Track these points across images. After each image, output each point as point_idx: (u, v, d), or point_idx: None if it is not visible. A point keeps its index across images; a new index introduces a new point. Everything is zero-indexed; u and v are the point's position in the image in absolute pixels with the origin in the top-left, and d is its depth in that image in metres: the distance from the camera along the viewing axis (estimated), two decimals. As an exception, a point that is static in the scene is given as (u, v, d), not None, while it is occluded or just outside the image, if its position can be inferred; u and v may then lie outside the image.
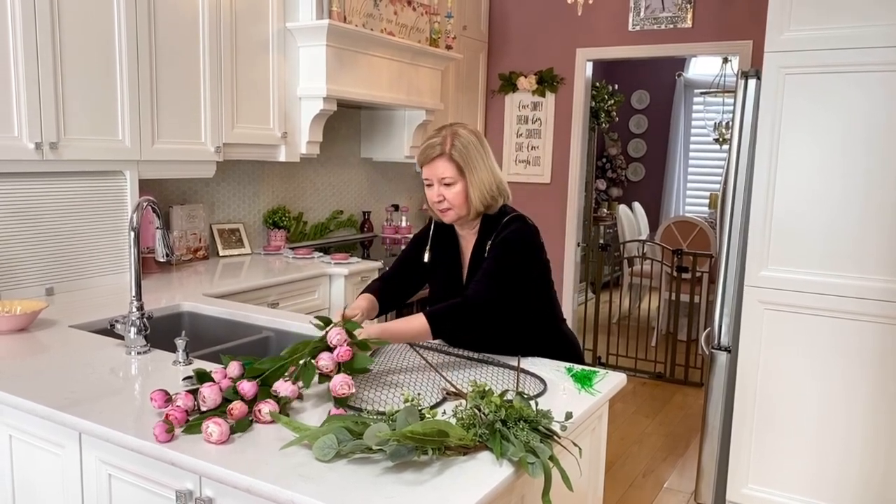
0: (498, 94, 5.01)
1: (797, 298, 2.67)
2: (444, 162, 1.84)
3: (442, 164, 1.85)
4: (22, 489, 1.65)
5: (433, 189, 1.88)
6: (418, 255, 2.05)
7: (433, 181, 1.87)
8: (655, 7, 4.38)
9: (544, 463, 1.22)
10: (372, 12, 3.63)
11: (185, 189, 3.40)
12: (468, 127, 1.92)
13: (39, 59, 2.36)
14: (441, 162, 1.85)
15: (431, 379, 1.69)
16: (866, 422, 2.61)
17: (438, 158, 1.85)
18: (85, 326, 2.15)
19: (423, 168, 1.89)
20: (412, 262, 2.07)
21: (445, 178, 1.85)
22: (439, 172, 1.85)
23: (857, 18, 2.47)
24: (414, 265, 2.06)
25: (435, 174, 1.86)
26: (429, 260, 2.02)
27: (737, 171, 2.79)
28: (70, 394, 1.54)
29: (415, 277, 2.07)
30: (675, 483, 3.31)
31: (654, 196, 8.21)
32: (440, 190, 1.86)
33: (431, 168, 1.86)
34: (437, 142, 1.85)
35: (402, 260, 2.10)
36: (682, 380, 4.75)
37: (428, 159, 1.86)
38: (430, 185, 1.89)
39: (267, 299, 2.95)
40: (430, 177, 1.87)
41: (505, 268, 1.84)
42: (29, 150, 2.36)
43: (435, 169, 1.86)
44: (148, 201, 1.94)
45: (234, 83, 3.13)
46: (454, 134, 1.86)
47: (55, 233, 2.57)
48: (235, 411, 1.36)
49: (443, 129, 1.89)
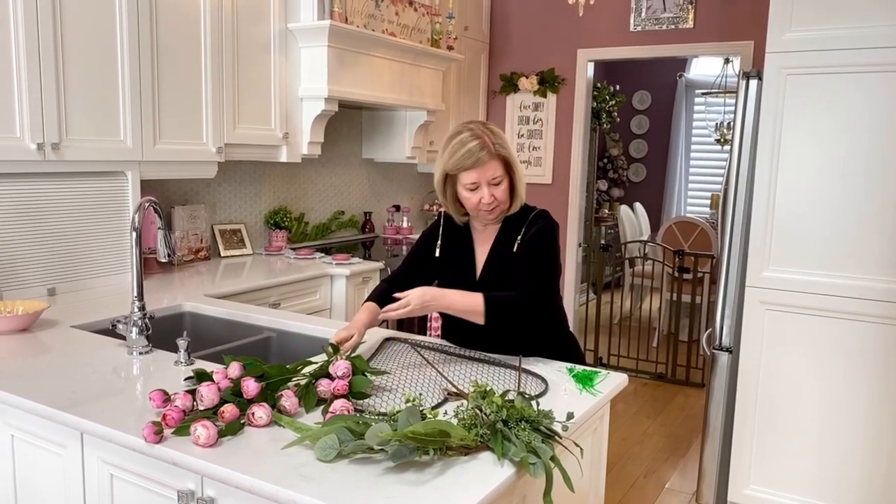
0: (499, 95, 5.01)
1: (798, 299, 2.67)
2: (494, 162, 1.81)
3: (493, 165, 1.81)
4: (24, 489, 1.65)
5: (480, 192, 1.82)
6: (427, 251, 2.04)
7: (480, 184, 1.82)
8: (657, 7, 4.38)
9: (546, 463, 1.22)
10: (373, 13, 3.63)
11: (187, 189, 3.40)
12: (487, 122, 1.90)
13: (41, 60, 2.37)
14: (492, 163, 1.81)
15: (433, 379, 1.70)
16: (868, 422, 2.61)
17: (489, 161, 1.80)
18: (87, 327, 2.15)
19: (467, 173, 1.81)
20: (420, 259, 2.05)
21: (496, 178, 1.82)
22: (489, 174, 1.81)
23: (858, 19, 2.47)
24: (423, 262, 2.05)
25: (485, 177, 1.81)
26: (440, 255, 2.01)
27: (738, 172, 2.79)
28: (72, 394, 1.55)
29: (423, 274, 2.04)
30: (676, 484, 3.31)
31: (656, 196, 8.21)
32: (489, 191, 1.82)
33: (481, 171, 1.81)
34: (480, 144, 1.79)
35: (410, 258, 2.09)
36: (683, 380, 4.75)
37: (478, 164, 1.80)
38: (474, 189, 1.83)
39: (268, 300, 2.95)
40: (479, 180, 1.81)
41: (549, 263, 1.86)
42: (31, 151, 2.37)
43: (485, 171, 1.81)
44: (150, 202, 1.94)
45: (236, 84, 3.13)
46: (490, 132, 1.83)
47: (57, 233, 2.57)
48: (227, 414, 1.35)
49: (472, 129, 1.83)
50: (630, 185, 8.38)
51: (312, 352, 2.06)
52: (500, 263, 1.90)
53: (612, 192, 8.18)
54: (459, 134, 1.83)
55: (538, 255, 1.85)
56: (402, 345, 2.00)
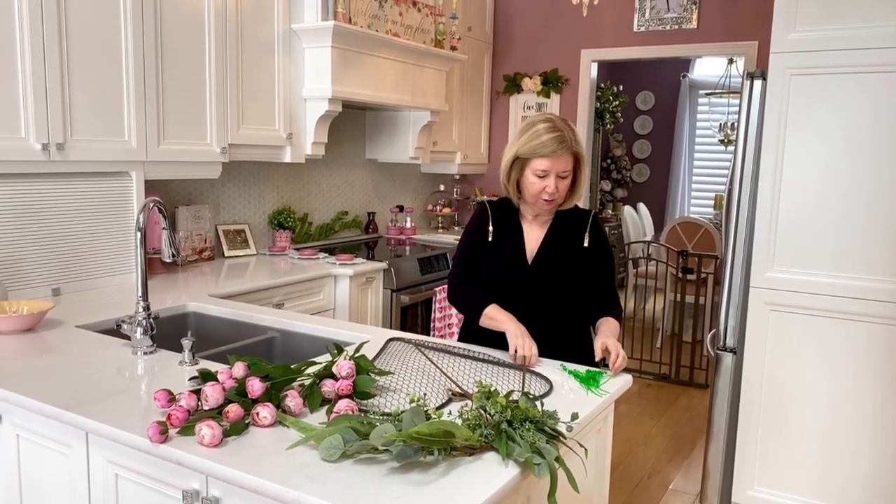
0: (503, 96, 5.01)
1: (803, 300, 2.66)
2: (568, 156, 1.90)
3: (566, 158, 1.90)
4: (29, 488, 1.65)
5: (546, 181, 1.90)
6: (481, 238, 2.07)
7: (550, 174, 1.89)
8: (660, 8, 4.37)
9: (550, 464, 1.22)
10: (377, 13, 3.63)
11: (191, 190, 3.41)
12: (567, 119, 1.98)
13: (46, 61, 2.37)
14: (566, 157, 1.89)
15: (437, 379, 1.70)
16: (874, 424, 2.60)
17: (563, 154, 1.88)
18: (91, 326, 2.15)
19: (541, 160, 1.89)
20: (478, 248, 2.07)
21: (565, 172, 1.90)
22: (562, 166, 1.89)
23: (863, 19, 2.46)
24: (481, 250, 2.07)
25: (556, 167, 1.89)
26: (492, 239, 2.06)
27: (742, 172, 2.78)
28: (76, 394, 1.55)
29: (484, 261, 2.09)
30: (680, 484, 3.30)
31: (659, 197, 8.20)
32: (555, 182, 1.90)
33: (554, 162, 1.88)
34: (560, 137, 1.87)
35: (468, 250, 2.10)
36: (687, 381, 4.74)
37: (553, 154, 1.87)
38: (542, 177, 1.90)
39: (272, 300, 2.95)
40: (550, 169, 1.89)
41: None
42: (36, 151, 2.37)
43: (558, 163, 1.89)
44: (154, 202, 1.95)
45: (240, 84, 3.14)
46: (570, 128, 1.91)
47: (62, 233, 2.58)
48: (231, 414, 1.35)
49: (553, 121, 1.91)
50: (633, 186, 8.37)
51: (316, 352, 2.06)
52: (555, 253, 2.02)
53: (616, 192, 8.18)
54: (542, 122, 1.91)
55: (612, 267, 2.04)
56: (406, 345, 2.00)
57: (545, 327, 1.98)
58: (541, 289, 2.01)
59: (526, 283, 2.01)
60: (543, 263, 2.01)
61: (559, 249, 2.02)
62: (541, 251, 2.02)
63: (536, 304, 2.01)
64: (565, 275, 2.01)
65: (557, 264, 2.01)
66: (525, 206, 2.05)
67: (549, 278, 2.01)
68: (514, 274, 2.00)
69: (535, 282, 2.01)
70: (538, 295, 2.01)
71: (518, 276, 2.01)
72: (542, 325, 1.98)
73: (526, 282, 2.01)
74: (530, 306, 1.99)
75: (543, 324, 1.99)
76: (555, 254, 2.01)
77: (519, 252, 2.03)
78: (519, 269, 2.01)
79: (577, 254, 2.02)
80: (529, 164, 1.92)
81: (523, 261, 2.02)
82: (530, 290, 2.01)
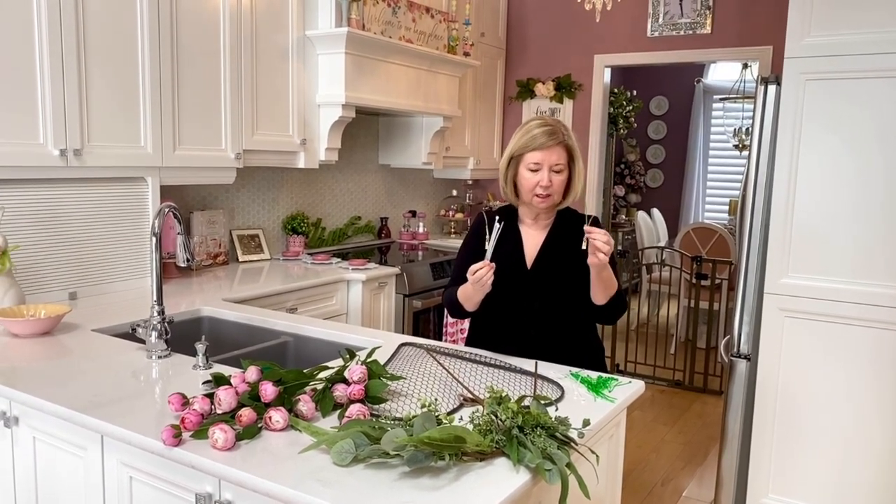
0: (515, 101, 5.02)
1: (818, 306, 2.64)
2: (560, 149, 1.92)
3: (558, 150, 1.92)
4: (45, 490, 1.67)
5: (540, 174, 1.92)
6: (480, 245, 2.03)
7: (543, 166, 1.92)
8: (674, 13, 4.36)
9: (561, 470, 1.22)
10: (390, 20, 3.65)
11: (206, 195, 3.44)
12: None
13: (65, 69, 2.41)
14: (558, 149, 1.92)
15: (448, 384, 1.70)
16: (889, 431, 2.57)
17: (557, 145, 1.91)
18: (107, 330, 2.17)
19: (533, 153, 1.92)
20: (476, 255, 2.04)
21: (558, 165, 1.92)
22: (554, 159, 1.91)
23: (877, 24, 2.44)
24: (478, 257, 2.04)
25: (549, 160, 1.91)
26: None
27: (756, 178, 2.77)
28: (92, 396, 1.57)
29: None
30: (693, 492, 3.28)
31: (673, 202, 8.16)
32: (549, 176, 1.92)
33: (547, 153, 1.91)
34: (552, 129, 1.91)
35: (466, 257, 2.07)
36: (701, 388, 4.71)
37: (545, 146, 1.90)
38: (535, 171, 1.92)
39: (286, 304, 2.97)
40: (542, 161, 1.91)
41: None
42: (54, 157, 2.41)
43: (550, 154, 1.91)
44: (169, 207, 1.97)
45: (255, 90, 3.16)
46: (563, 125, 1.96)
47: (78, 238, 2.61)
48: (244, 418, 1.36)
49: (544, 118, 1.97)
50: (647, 191, 8.34)
51: (329, 356, 2.07)
52: (555, 257, 2.01)
53: (630, 197, 8.15)
54: (534, 121, 1.97)
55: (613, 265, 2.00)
56: (418, 350, 2.00)
57: (546, 332, 1.98)
58: (540, 293, 2.00)
59: (525, 288, 2.01)
60: (543, 268, 2.01)
61: (558, 254, 2.01)
62: (540, 256, 2.02)
63: (536, 309, 2.00)
64: (565, 279, 2.00)
65: (557, 269, 2.00)
66: (524, 209, 2.05)
67: (548, 283, 2.00)
68: (513, 279, 1.99)
69: (535, 287, 2.00)
70: (538, 299, 2.00)
71: (517, 282, 2.00)
72: (543, 329, 1.98)
73: (525, 287, 2.01)
74: (530, 311, 2.00)
75: (544, 328, 1.99)
76: (554, 258, 2.01)
77: (518, 257, 2.03)
78: (518, 274, 2.00)
79: (577, 257, 1.98)
80: (523, 160, 1.94)
81: (522, 266, 2.02)
82: (530, 295, 2.00)
